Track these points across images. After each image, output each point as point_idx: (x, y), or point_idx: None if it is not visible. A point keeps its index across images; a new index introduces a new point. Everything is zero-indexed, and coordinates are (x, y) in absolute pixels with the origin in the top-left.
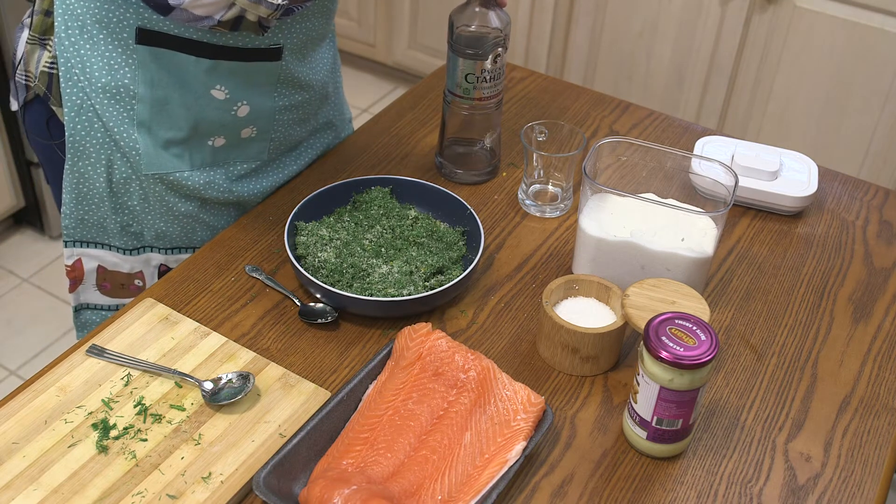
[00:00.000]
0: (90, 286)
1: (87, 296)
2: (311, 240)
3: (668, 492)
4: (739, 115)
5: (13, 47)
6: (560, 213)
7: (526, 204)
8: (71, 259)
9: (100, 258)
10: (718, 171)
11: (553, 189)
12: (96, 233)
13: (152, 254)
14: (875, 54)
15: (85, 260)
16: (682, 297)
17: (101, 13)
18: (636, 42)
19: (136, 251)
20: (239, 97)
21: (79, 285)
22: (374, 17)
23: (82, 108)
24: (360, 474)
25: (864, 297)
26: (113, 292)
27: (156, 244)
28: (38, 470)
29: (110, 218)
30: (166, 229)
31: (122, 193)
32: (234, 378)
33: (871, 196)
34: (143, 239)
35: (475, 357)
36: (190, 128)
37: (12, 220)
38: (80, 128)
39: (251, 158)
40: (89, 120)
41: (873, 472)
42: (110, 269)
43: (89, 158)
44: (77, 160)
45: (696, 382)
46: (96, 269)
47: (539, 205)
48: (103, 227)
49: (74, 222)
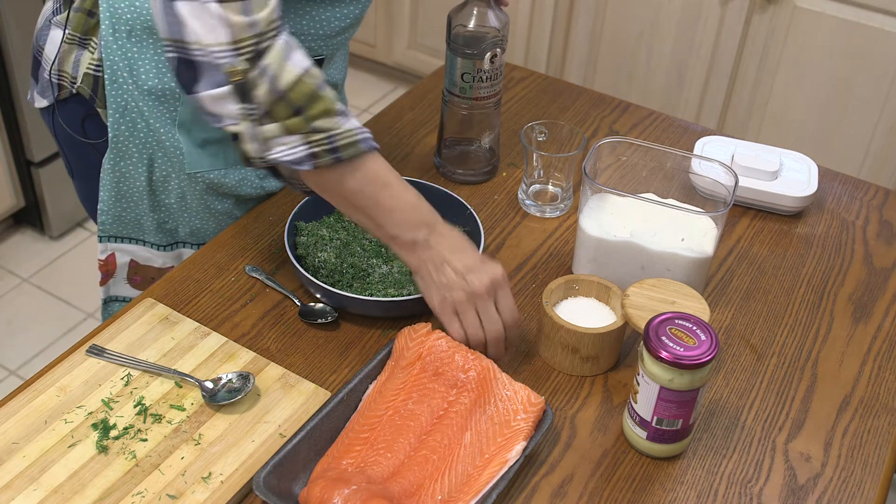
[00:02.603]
0: (121, 279)
1: (118, 289)
2: (311, 240)
3: (668, 492)
4: (739, 115)
5: (35, 44)
6: (560, 213)
7: (526, 204)
8: (104, 254)
9: (133, 253)
10: (718, 171)
11: (553, 189)
12: (132, 229)
13: (185, 249)
14: (875, 54)
15: (118, 254)
16: (682, 297)
17: (150, 19)
18: (636, 42)
19: (170, 247)
20: None
21: (110, 279)
22: (374, 17)
23: (126, 110)
24: (360, 474)
25: (864, 297)
26: (143, 285)
27: (189, 239)
28: (38, 470)
29: (147, 215)
30: (201, 226)
31: (161, 192)
32: (234, 378)
33: (871, 196)
34: (178, 235)
35: (475, 357)
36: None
37: (12, 220)
38: (123, 128)
39: None
40: (133, 121)
41: (873, 472)
42: (142, 264)
43: (131, 158)
44: (119, 160)
45: (696, 382)
46: (128, 264)
47: (539, 205)
48: (139, 224)
49: (111, 219)
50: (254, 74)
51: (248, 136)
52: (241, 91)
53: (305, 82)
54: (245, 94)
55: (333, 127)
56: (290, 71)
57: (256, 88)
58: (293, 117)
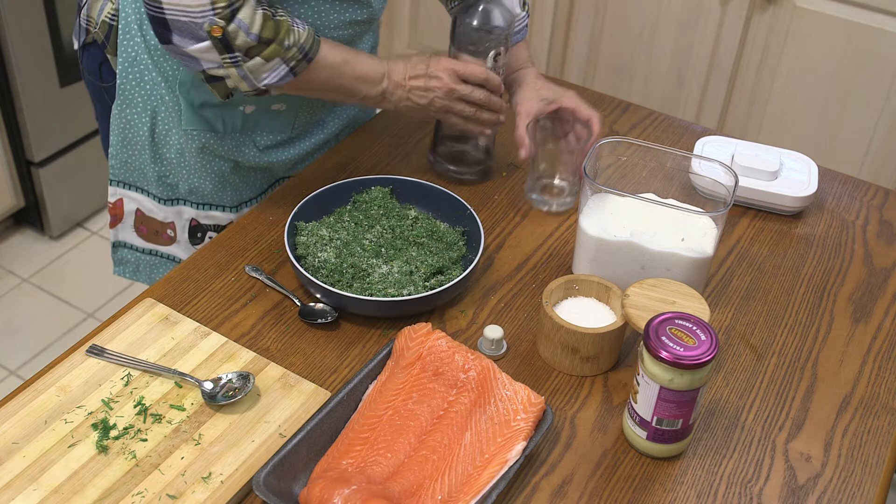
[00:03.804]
0: (128, 227)
1: (126, 234)
2: (311, 240)
3: (668, 492)
4: (739, 115)
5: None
6: (567, 207)
7: (532, 198)
8: (114, 197)
9: (139, 202)
10: (718, 171)
11: (559, 183)
12: (137, 177)
13: (185, 207)
14: (875, 54)
15: (126, 201)
16: (682, 297)
17: None
18: (636, 42)
19: (171, 202)
20: None
21: (118, 223)
22: None
23: (135, 61)
24: (360, 474)
25: (864, 297)
26: (148, 237)
27: (189, 198)
28: (38, 470)
29: (149, 166)
30: (199, 184)
31: (163, 145)
32: (234, 378)
33: (871, 196)
34: (178, 191)
35: (475, 357)
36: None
37: (12, 220)
38: (130, 77)
39: (276, 131)
40: (140, 73)
41: (873, 472)
42: (147, 215)
43: (136, 108)
44: (125, 107)
45: (696, 382)
46: (135, 212)
47: (546, 199)
48: (143, 173)
49: (119, 163)
50: (231, 28)
51: (239, 77)
52: (222, 44)
53: (269, 17)
54: (226, 46)
55: (298, 37)
56: (258, 16)
57: (236, 40)
58: (269, 46)
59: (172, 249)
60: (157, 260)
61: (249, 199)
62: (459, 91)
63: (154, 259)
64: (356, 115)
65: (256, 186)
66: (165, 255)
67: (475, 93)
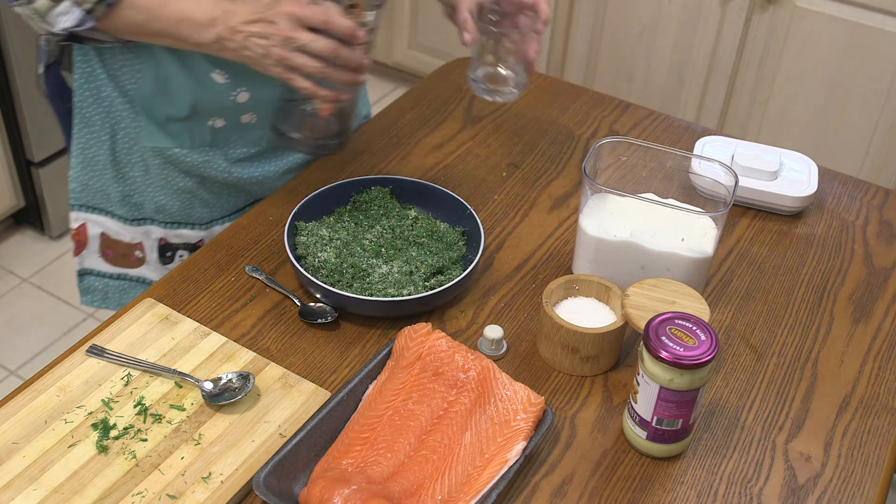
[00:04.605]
0: (94, 252)
1: (91, 261)
2: (311, 240)
3: (668, 492)
4: (739, 115)
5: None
6: (512, 97)
7: (477, 88)
8: (76, 223)
9: (103, 225)
10: (718, 171)
11: (504, 72)
12: (100, 199)
13: (152, 226)
14: (875, 54)
15: (89, 225)
16: (682, 297)
17: None
18: (636, 42)
19: (138, 222)
20: (239, 83)
21: (83, 249)
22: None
23: (91, 77)
24: (360, 474)
25: (864, 297)
26: (115, 261)
27: (156, 217)
28: (38, 470)
29: (112, 186)
30: (166, 202)
31: (125, 164)
32: (234, 378)
33: (871, 196)
34: (144, 210)
35: (475, 357)
36: (189, 107)
37: (12, 220)
38: (87, 95)
39: (250, 143)
40: (97, 89)
41: (873, 472)
42: (113, 238)
43: (94, 126)
44: (83, 126)
45: (696, 382)
46: (100, 236)
47: (490, 88)
48: (106, 194)
49: (80, 186)
50: None
51: (27, 17)
52: None
53: None
54: None
55: None
56: None
57: None
58: None
59: (142, 271)
60: (126, 284)
61: (221, 216)
62: (297, 40)
63: (123, 283)
64: None
65: (229, 204)
66: (135, 279)
67: (316, 42)
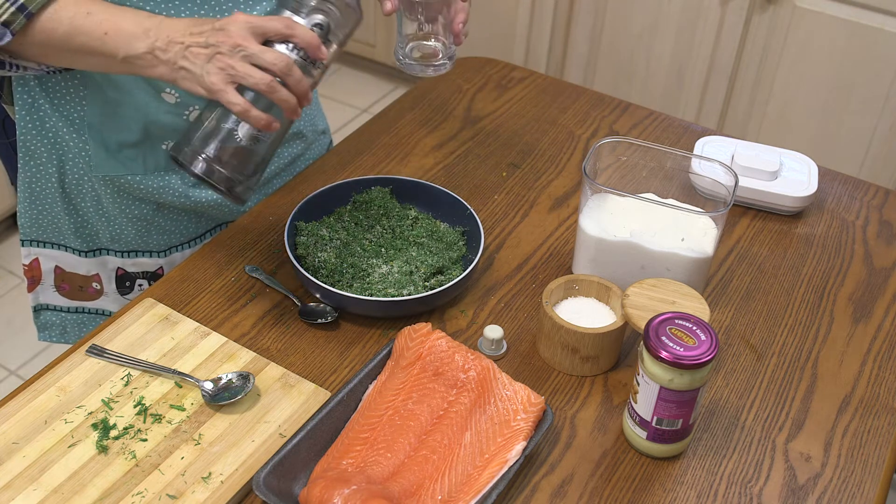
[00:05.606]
0: (48, 287)
1: (47, 296)
2: (311, 240)
3: (668, 492)
4: (739, 115)
5: None
6: (442, 70)
7: (404, 63)
8: (28, 258)
9: (57, 259)
10: (718, 171)
11: (433, 44)
12: (52, 232)
13: (108, 256)
14: (875, 54)
15: (42, 260)
16: (682, 297)
17: None
18: (636, 42)
19: (93, 253)
20: (190, 101)
21: (37, 285)
22: (373, 17)
23: (33, 108)
24: (360, 474)
25: (864, 297)
26: (72, 294)
27: (112, 246)
28: (38, 470)
29: (63, 219)
30: (121, 231)
31: (76, 195)
32: (234, 378)
33: (871, 196)
34: (99, 240)
35: (475, 357)
36: (141, 130)
37: (12, 220)
38: (30, 127)
39: None
40: (40, 120)
41: (873, 472)
42: (68, 271)
43: (40, 159)
44: (28, 160)
45: (696, 382)
46: (54, 270)
47: (418, 62)
48: (58, 227)
49: (29, 221)
50: None
51: None
52: None
53: None
54: None
55: None
56: None
57: None
58: None
59: (100, 303)
60: (84, 317)
61: (181, 243)
62: (248, 48)
63: (81, 317)
64: (298, 154)
65: (188, 230)
66: (93, 311)
67: (267, 54)
